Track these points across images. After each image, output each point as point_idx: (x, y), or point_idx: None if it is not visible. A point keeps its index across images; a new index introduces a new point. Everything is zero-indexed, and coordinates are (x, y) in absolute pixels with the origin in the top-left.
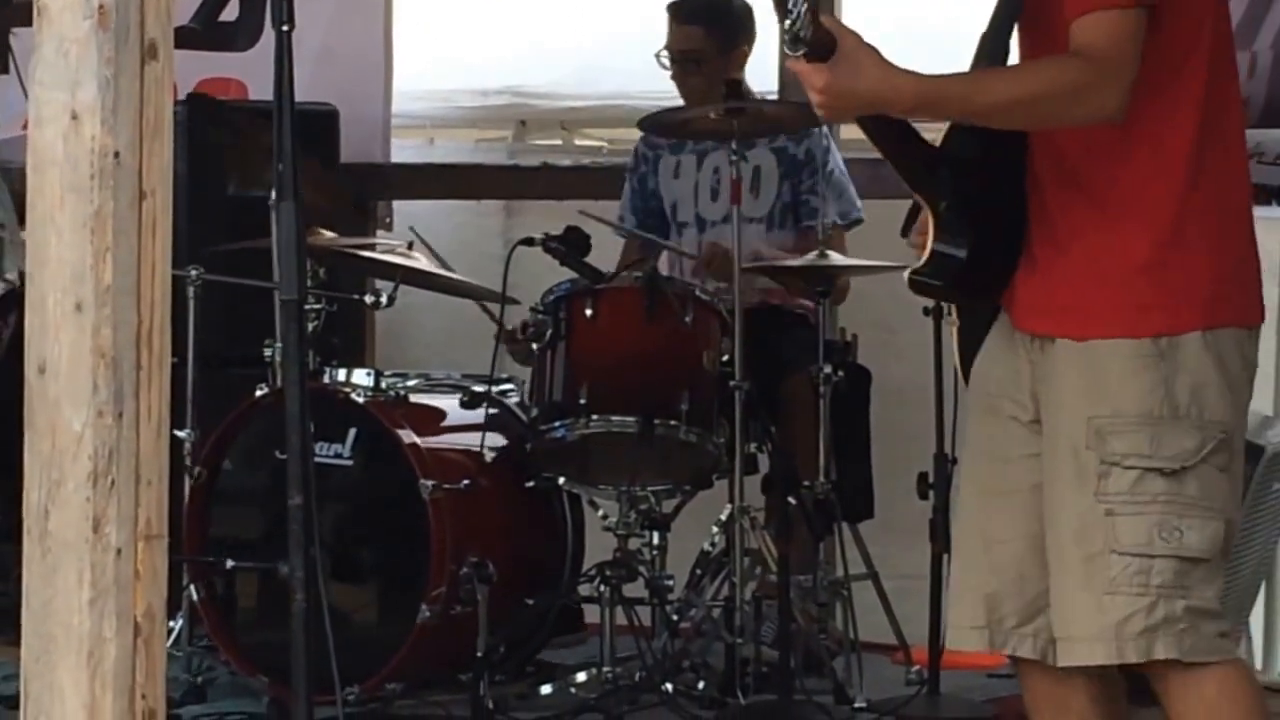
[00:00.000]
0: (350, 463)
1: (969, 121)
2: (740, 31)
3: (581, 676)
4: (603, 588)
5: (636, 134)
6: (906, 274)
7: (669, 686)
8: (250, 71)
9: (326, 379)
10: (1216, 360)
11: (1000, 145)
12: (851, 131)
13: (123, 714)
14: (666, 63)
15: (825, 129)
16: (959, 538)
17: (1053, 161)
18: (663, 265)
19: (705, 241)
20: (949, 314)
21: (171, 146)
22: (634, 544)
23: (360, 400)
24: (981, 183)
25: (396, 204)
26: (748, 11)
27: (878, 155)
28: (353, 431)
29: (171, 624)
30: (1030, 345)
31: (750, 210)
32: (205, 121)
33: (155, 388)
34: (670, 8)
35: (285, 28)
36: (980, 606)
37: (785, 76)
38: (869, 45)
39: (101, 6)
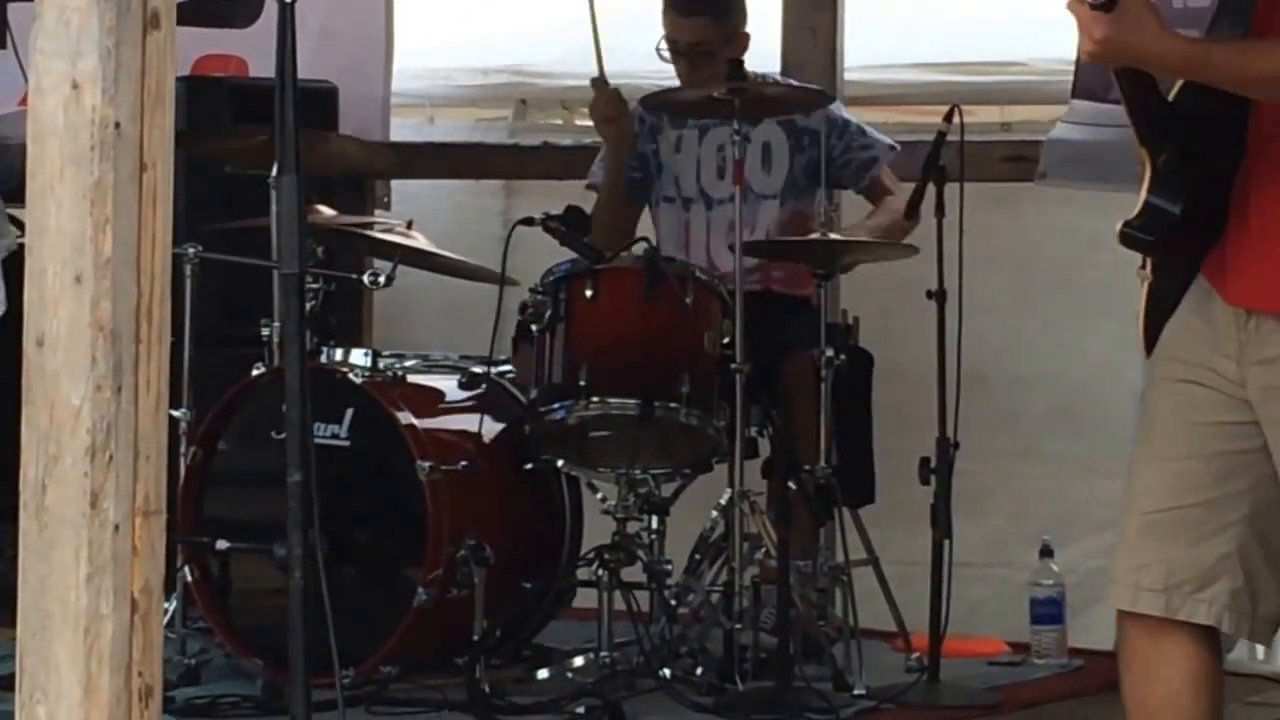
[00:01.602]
0: (347, 443)
1: (1234, 89)
2: (741, 13)
3: (578, 661)
4: (601, 571)
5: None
6: (1118, 226)
7: (667, 672)
8: (250, 48)
9: (324, 359)
10: None
11: (1232, 106)
12: (855, 115)
13: (119, 691)
14: (667, 55)
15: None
16: (1136, 501)
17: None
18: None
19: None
20: (1144, 268)
21: (173, 117)
22: (633, 527)
23: (358, 380)
24: (1206, 141)
25: (395, 183)
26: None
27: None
28: (350, 412)
29: (165, 605)
30: (1243, 322)
31: (763, 187)
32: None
33: (154, 361)
34: (668, 1)
35: (289, 1)
36: (1160, 570)
37: (788, 57)
38: (1151, 3)
39: None
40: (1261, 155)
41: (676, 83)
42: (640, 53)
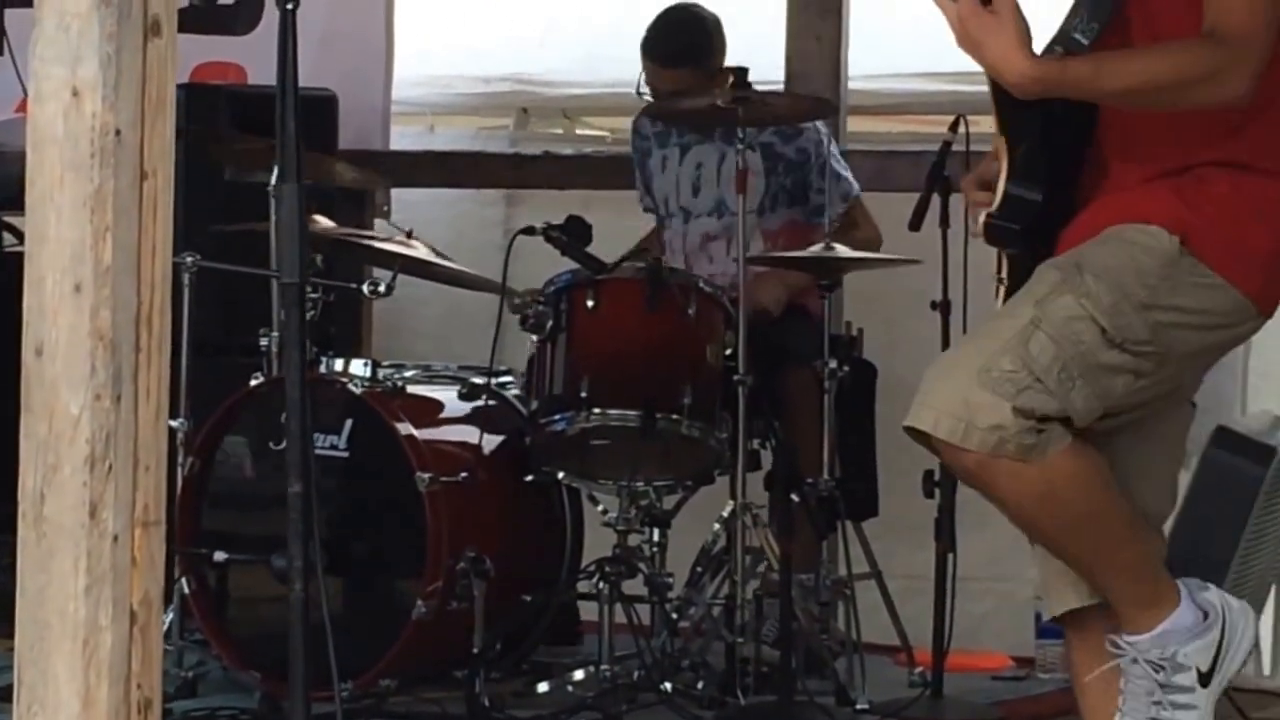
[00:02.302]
0: (346, 454)
1: (1093, 101)
2: (721, 51)
3: (579, 675)
4: (602, 585)
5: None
6: (982, 217)
7: (668, 686)
8: (250, 56)
9: (323, 369)
10: (1204, 296)
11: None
12: (859, 125)
13: (118, 704)
14: (649, 98)
15: (820, 124)
16: None
17: (1121, 124)
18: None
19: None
20: (999, 275)
21: (174, 125)
22: (634, 540)
23: (357, 391)
24: (1064, 131)
25: (395, 192)
26: (719, 26)
27: (884, 148)
28: (349, 422)
29: (163, 617)
30: None
31: (736, 205)
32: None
33: (154, 370)
34: (648, 52)
35: (290, 6)
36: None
37: (792, 65)
38: (1019, 18)
39: None
40: (1103, 140)
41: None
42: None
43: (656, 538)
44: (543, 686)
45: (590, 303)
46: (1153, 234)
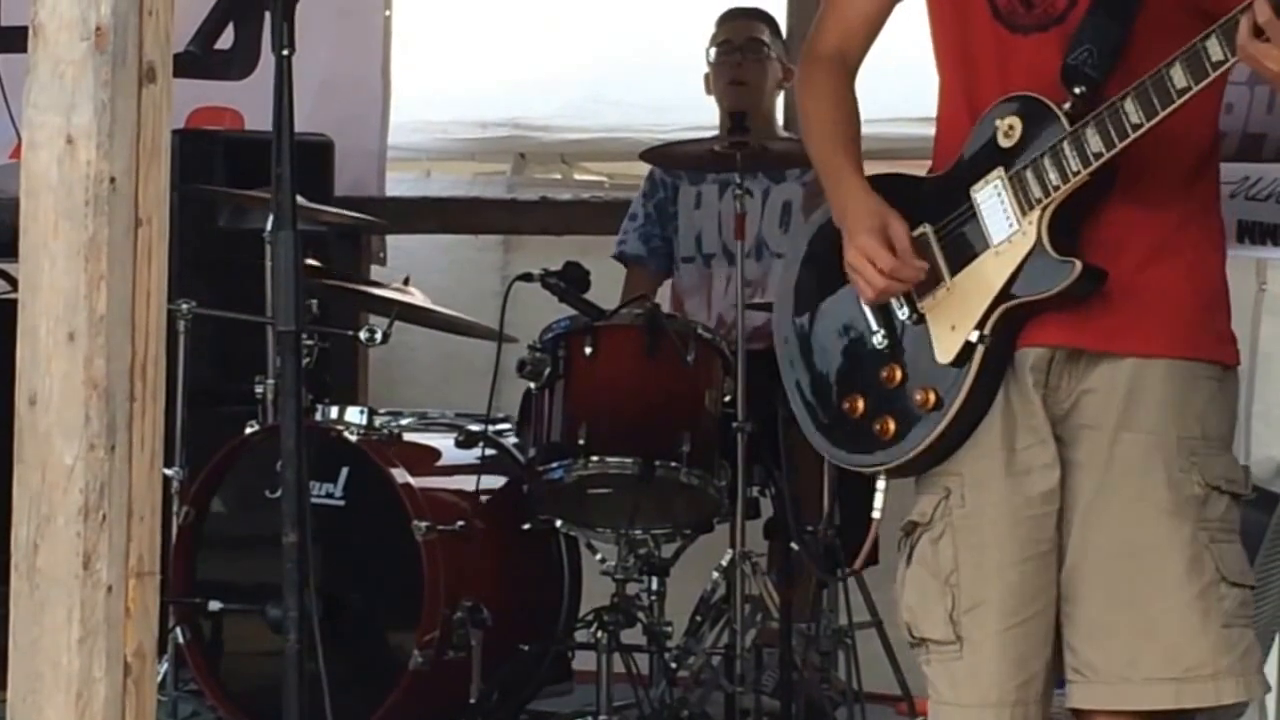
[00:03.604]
0: (342, 502)
1: None
2: (785, 54)
3: None
4: (600, 634)
5: (638, 168)
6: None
7: None
8: (247, 100)
9: (319, 417)
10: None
11: None
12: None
13: None
14: (718, 56)
15: None
16: (992, 617)
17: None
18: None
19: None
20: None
21: (169, 172)
22: (632, 589)
23: (353, 439)
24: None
25: (392, 239)
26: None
27: None
28: (345, 470)
29: (157, 668)
30: (1061, 364)
31: (778, 245)
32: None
33: (149, 420)
34: (729, 10)
35: (285, 52)
36: (1041, 680)
37: (791, 110)
38: None
39: (99, 28)
40: (1115, 204)
41: (678, 136)
42: (642, 105)
43: (655, 586)
44: None
45: (588, 349)
46: (1230, 378)
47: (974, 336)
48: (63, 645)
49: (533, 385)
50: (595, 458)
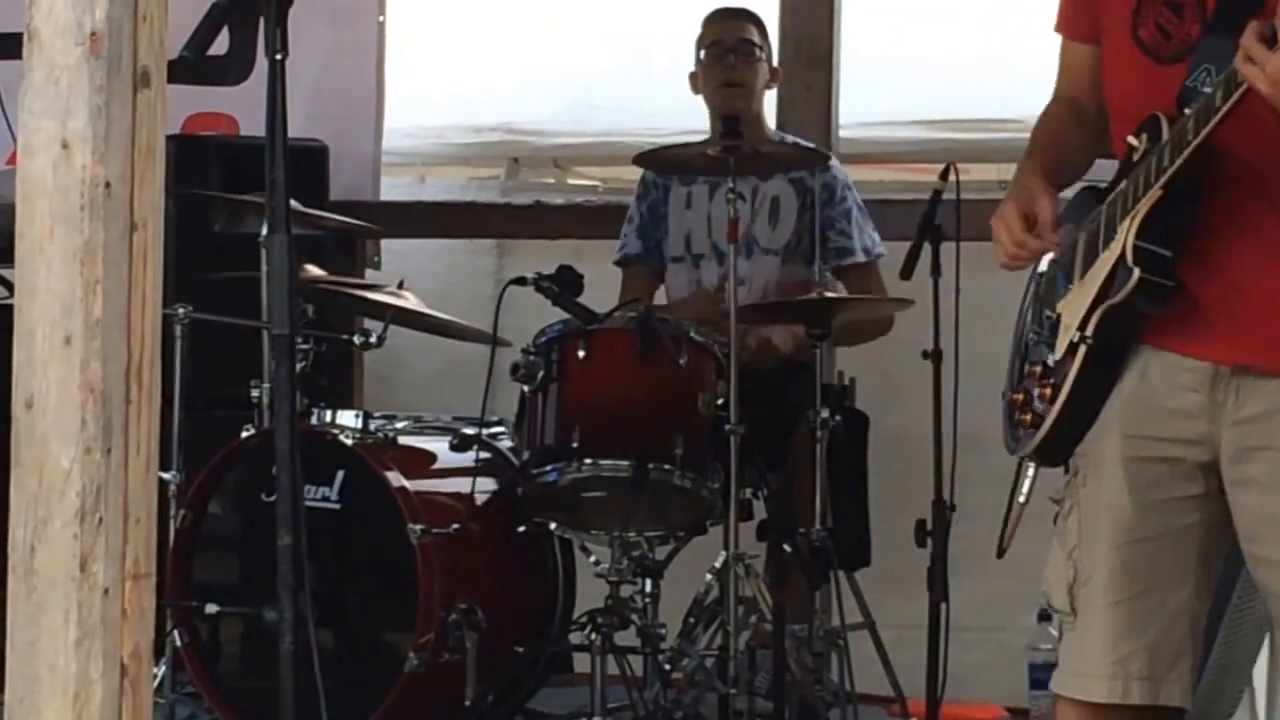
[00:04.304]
0: (337, 506)
1: None
2: (772, 54)
3: None
4: (594, 636)
5: (630, 172)
6: (1136, 276)
7: None
8: (241, 106)
9: (314, 420)
10: None
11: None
12: (850, 173)
13: None
14: (708, 57)
15: (836, 161)
16: (1100, 589)
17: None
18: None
19: (757, 335)
20: (1083, 333)
21: (163, 176)
22: (626, 591)
23: (348, 442)
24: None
25: (386, 243)
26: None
27: (875, 197)
28: (340, 474)
29: (154, 670)
30: (1223, 381)
31: (768, 242)
32: (192, 157)
33: (145, 423)
34: (717, 10)
35: (279, 57)
36: (1145, 658)
37: (784, 114)
38: None
39: (94, 33)
40: (1231, 208)
41: (670, 141)
42: (635, 110)
43: (649, 588)
44: None
45: (581, 353)
46: None
47: (1076, 336)
48: (60, 647)
49: (526, 388)
50: (589, 460)
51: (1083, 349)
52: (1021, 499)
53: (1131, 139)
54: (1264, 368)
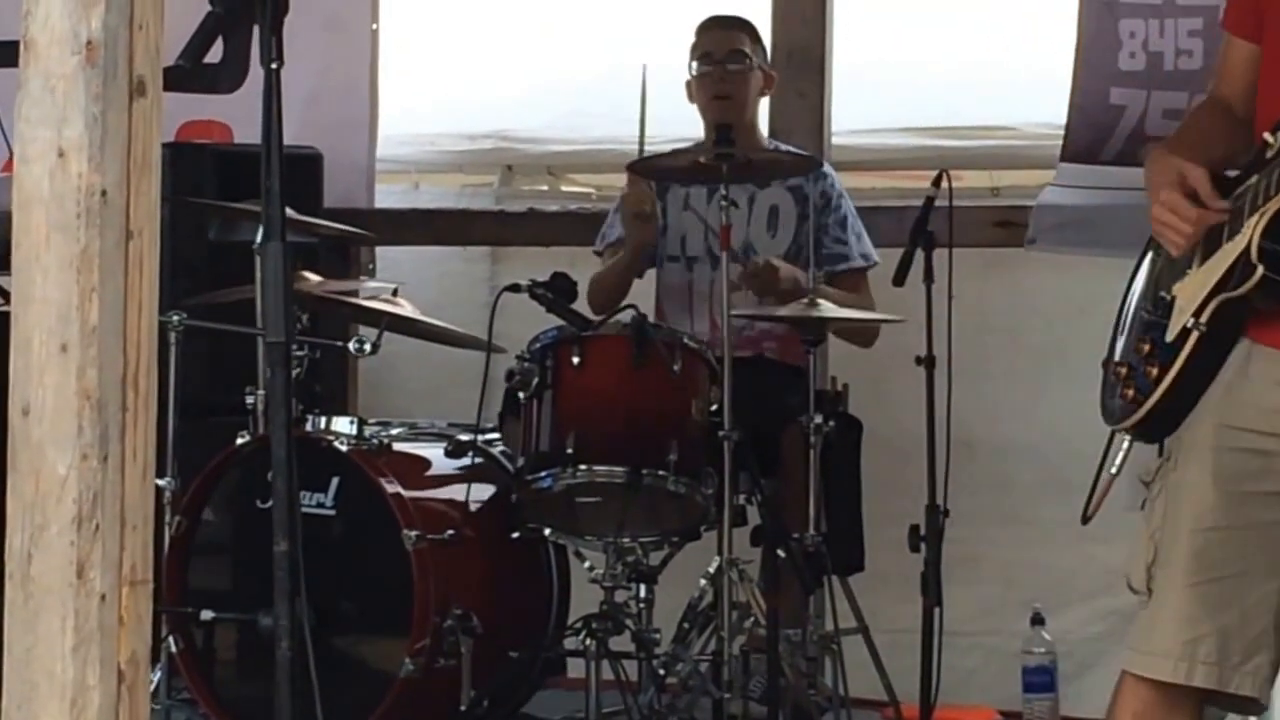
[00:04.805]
0: (332, 512)
1: None
2: (766, 61)
3: None
4: (588, 641)
5: (624, 179)
6: (1258, 238)
7: None
8: (235, 114)
9: (309, 426)
10: None
11: None
12: (843, 180)
13: None
14: (700, 69)
15: (830, 169)
16: (1177, 571)
17: None
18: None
19: (750, 260)
20: (1197, 319)
21: (159, 184)
22: (620, 596)
23: (343, 449)
24: None
25: (380, 250)
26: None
27: (868, 204)
28: (335, 480)
29: (150, 676)
30: None
31: (767, 249)
32: (188, 165)
33: (141, 430)
34: (709, 19)
35: (274, 65)
36: (1215, 642)
37: (776, 121)
38: None
39: (89, 42)
40: None
41: (667, 148)
42: (628, 117)
43: (643, 594)
44: None
45: (576, 359)
46: None
47: (1190, 322)
48: (57, 654)
49: (521, 395)
50: (583, 466)
51: (1195, 335)
52: (1114, 470)
53: (1268, 135)
54: None
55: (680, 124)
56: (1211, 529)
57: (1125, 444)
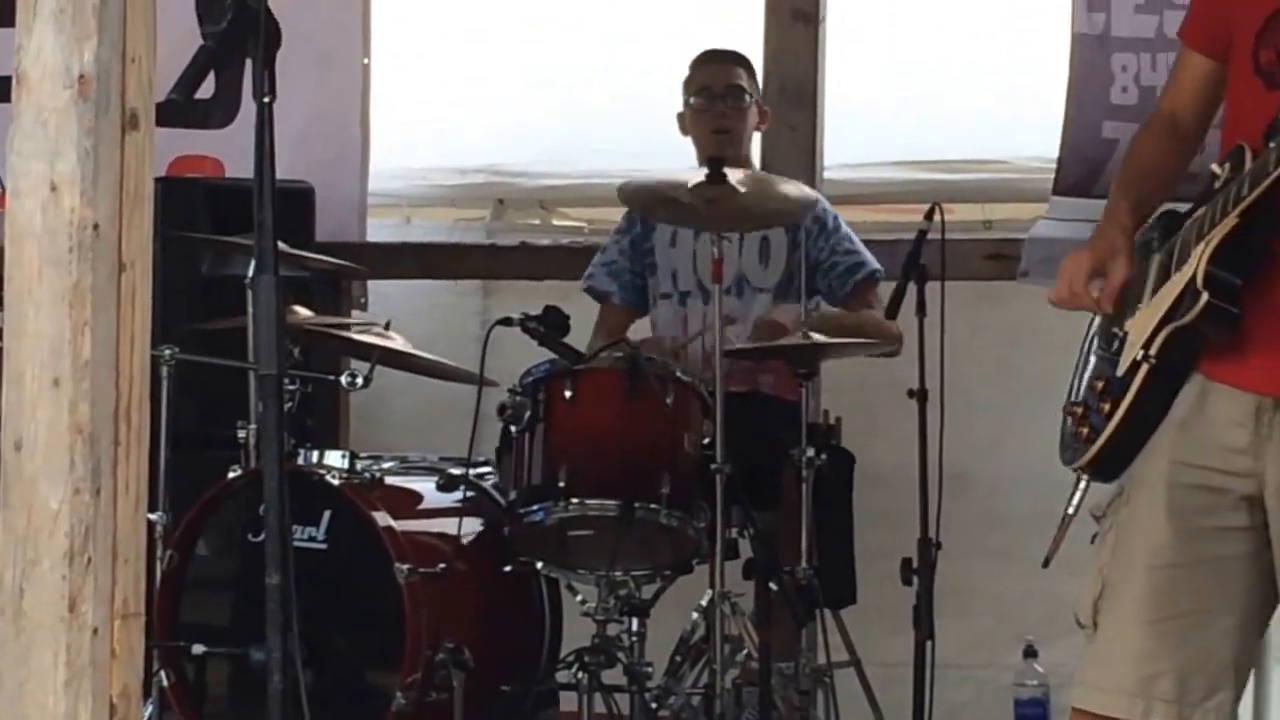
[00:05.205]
0: (324, 546)
1: None
2: (759, 95)
3: None
4: (581, 674)
5: (615, 213)
6: (1204, 300)
7: None
8: (226, 149)
9: (301, 460)
10: None
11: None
12: (844, 214)
13: None
14: (698, 103)
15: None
16: (1133, 609)
17: None
18: (694, 320)
19: (758, 318)
20: (1147, 352)
21: (152, 218)
22: (613, 630)
23: (335, 482)
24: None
25: (372, 284)
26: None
27: (860, 237)
28: (327, 514)
29: (142, 710)
30: (1266, 414)
31: (759, 280)
32: (180, 199)
33: (133, 463)
34: (705, 54)
35: (266, 99)
36: (1173, 680)
37: (767, 155)
38: None
39: (82, 76)
40: None
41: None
42: (620, 151)
43: (635, 627)
44: None
45: (568, 393)
46: None
47: (1140, 355)
48: (49, 688)
49: (513, 428)
50: (575, 500)
51: (1145, 367)
52: (1071, 510)
53: (1215, 167)
54: None
55: (670, 157)
56: (1168, 566)
57: (1083, 484)
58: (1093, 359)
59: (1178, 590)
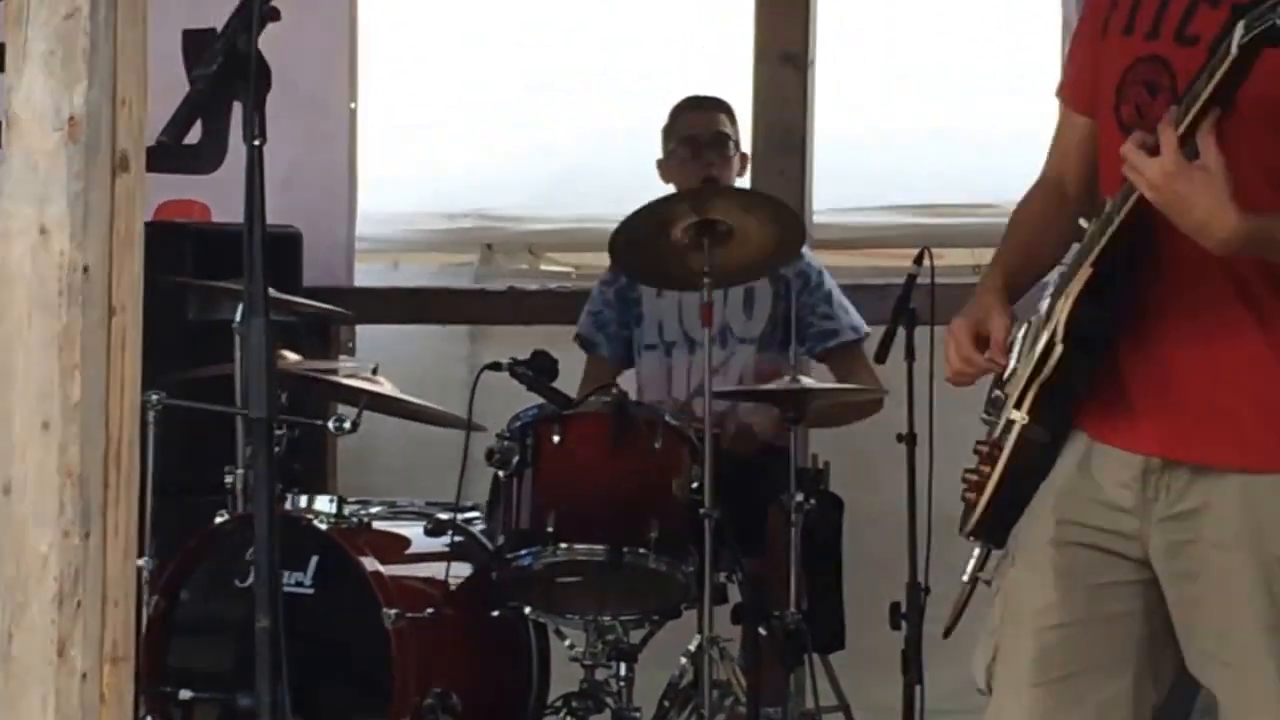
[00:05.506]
0: (311, 591)
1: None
2: (739, 137)
3: None
4: (569, 719)
5: (604, 258)
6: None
7: None
8: (214, 194)
9: (288, 505)
10: None
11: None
12: (824, 258)
13: None
14: (682, 152)
15: (805, 248)
16: (1024, 672)
17: (1227, 277)
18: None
19: (738, 421)
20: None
21: (142, 261)
22: (601, 674)
23: (322, 527)
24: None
25: (360, 329)
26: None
27: (849, 282)
28: (314, 559)
29: None
30: (1152, 475)
31: (743, 330)
32: (167, 244)
33: (123, 506)
34: (689, 100)
35: (256, 142)
36: None
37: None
38: (1226, 170)
39: (72, 118)
40: (1178, 299)
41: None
42: (608, 196)
43: (624, 672)
44: None
45: (556, 438)
46: None
47: (1014, 415)
48: None
49: (501, 473)
50: (564, 545)
51: (1017, 427)
52: (964, 578)
53: (1083, 221)
54: (1193, 462)
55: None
56: (1057, 625)
57: (976, 550)
58: (983, 423)
59: (1068, 650)
